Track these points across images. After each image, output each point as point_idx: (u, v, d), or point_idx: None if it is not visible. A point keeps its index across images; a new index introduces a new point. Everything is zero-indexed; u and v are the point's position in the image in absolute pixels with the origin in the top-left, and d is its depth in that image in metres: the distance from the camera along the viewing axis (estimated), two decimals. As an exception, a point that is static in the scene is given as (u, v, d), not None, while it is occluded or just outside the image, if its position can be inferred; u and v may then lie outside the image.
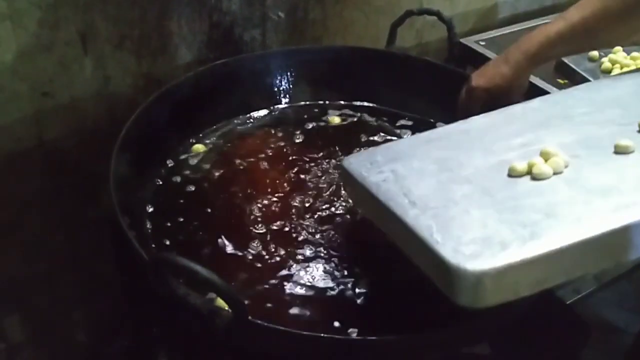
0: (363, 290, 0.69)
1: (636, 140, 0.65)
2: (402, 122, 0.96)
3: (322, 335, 0.60)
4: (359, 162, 0.67)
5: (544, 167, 0.62)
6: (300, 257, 0.72)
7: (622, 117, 0.69)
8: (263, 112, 0.96)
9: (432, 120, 0.96)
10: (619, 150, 0.64)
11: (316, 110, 0.98)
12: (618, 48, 1.09)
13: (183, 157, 0.86)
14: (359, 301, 0.68)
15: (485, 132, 0.71)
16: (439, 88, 0.94)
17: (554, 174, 0.62)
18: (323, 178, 0.84)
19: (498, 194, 0.60)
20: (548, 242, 0.54)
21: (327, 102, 0.99)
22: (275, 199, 0.80)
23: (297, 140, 0.91)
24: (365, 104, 0.99)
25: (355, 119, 0.97)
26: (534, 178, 0.62)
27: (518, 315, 0.64)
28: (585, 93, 0.77)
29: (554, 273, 0.55)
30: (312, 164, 0.86)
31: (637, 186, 0.60)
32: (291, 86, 0.98)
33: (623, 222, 0.55)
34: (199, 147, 0.88)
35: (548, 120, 0.71)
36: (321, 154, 0.88)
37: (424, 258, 0.57)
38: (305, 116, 0.96)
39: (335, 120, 0.96)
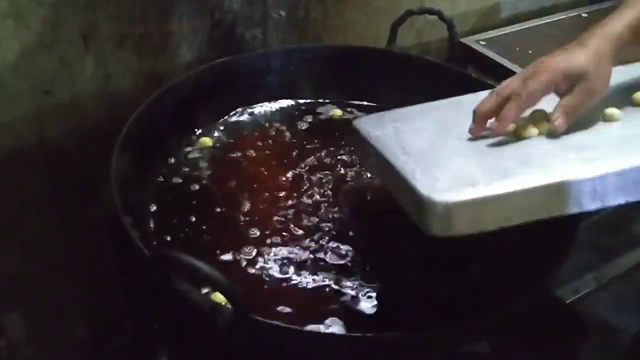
0: (363, 290, 0.69)
1: (626, 111, 0.70)
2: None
3: (321, 332, 0.61)
4: (368, 122, 0.75)
5: (531, 128, 0.67)
6: (299, 255, 0.72)
7: (618, 92, 0.72)
8: (264, 111, 0.96)
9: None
10: (606, 118, 0.69)
11: (317, 109, 0.98)
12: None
13: (185, 155, 0.86)
14: (359, 300, 0.68)
15: None
16: (440, 88, 0.94)
17: (539, 134, 0.67)
18: (324, 176, 0.84)
19: (483, 147, 0.66)
20: (514, 183, 0.59)
21: (327, 101, 0.99)
22: (278, 196, 0.80)
23: (299, 139, 0.91)
24: (365, 103, 0.99)
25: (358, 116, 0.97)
26: (521, 137, 0.67)
27: (517, 314, 0.64)
28: None
29: (518, 212, 0.59)
30: (314, 162, 0.86)
31: (612, 145, 0.65)
32: (292, 85, 0.98)
33: (589, 174, 0.60)
34: (206, 140, 0.88)
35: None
36: (323, 152, 0.88)
37: (406, 197, 0.63)
38: (307, 115, 0.96)
39: (337, 113, 0.97)
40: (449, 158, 0.65)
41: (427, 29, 1.20)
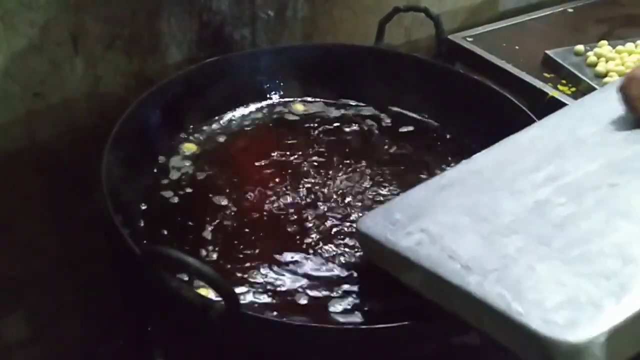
0: (360, 290, 0.69)
1: None
2: (392, 119, 0.98)
3: (315, 325, 0.61)
4: (377, 224, 0.63)
5: None
6: (292, 254, 0.73)
7: (635, 133, 0.65)
8: (254, 110, 0.97)
9: (427, 117, 0.97)
10: None
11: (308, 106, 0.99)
12: (603, 42, 1.10)
13: (175, 155, 0.87)
14: (353, 299, 0.68)
15: (497, 170, 0.65)
16: (428, 84, 0.95)
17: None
18: (316, 174, 0.85)
19: (553, 241, 0.55)
20: None
21: (317, 99, 1.00)
22: (269, 196, 0.81)
23: (288, 138, 0.91)
24: (354, 101, 1.00)
25: (348, 114, 0.97)
26: None
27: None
28: (582, 111, 0.73)
29: None
30: (305, 161, 0.87)
31: None
32: (282, 84, 0.98)
33: None
34: (190, 146, 0.89)
35: (560, 148, 0.66)
36: (312, 150, 0.89)
37: (505, 331, 0.51)
38: (296, 114, 0.97)
39: (299, 108, 0.97)
40: (528, 267, 0.52)
41: (415, 27, 1.20)
